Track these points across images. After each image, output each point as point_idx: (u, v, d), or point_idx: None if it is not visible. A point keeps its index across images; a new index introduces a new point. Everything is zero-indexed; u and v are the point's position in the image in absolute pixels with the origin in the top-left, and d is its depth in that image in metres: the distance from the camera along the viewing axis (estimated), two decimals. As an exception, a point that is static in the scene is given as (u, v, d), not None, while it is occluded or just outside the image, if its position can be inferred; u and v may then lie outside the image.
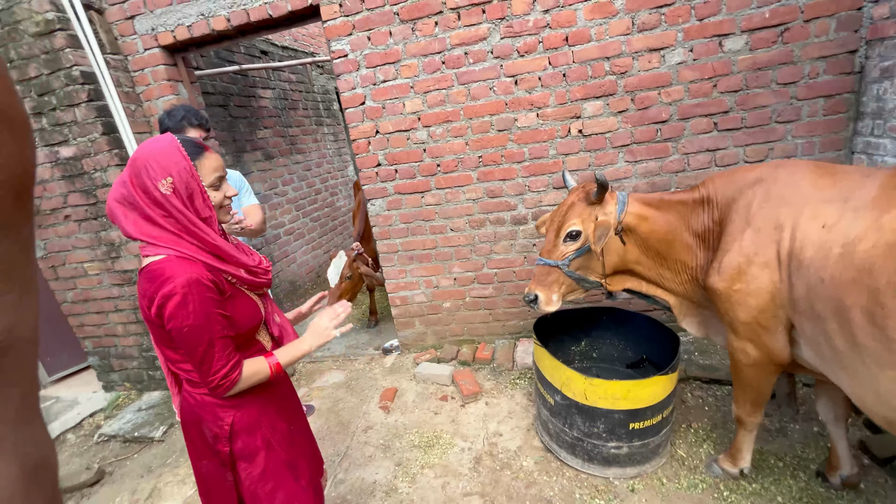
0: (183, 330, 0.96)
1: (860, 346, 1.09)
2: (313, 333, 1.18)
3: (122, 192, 0.98)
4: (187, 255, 0.99)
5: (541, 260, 1.72)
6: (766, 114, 2.20)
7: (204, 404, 1.11)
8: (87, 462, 2.54)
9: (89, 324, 3.10)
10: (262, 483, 1.16)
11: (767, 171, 1.41)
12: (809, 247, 1.20)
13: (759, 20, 2.06)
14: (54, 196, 2.78)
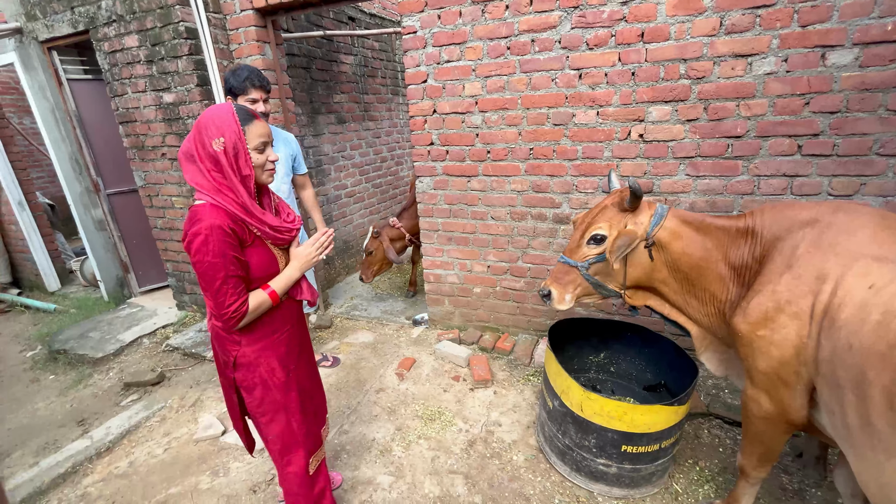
0: (204, 264, 1.15)
1: (873, 427, 0.98)
2: (298, 259, 1.36)
3: (188, 146, 1.20)
4: (220, 204, 1.18)
5: (562, 258, 1.69)
6: (865, 143, 1.91)
7: (218, 335, 1.32)
8: (154, 365, 3.01)
9: (171, 249, 3.59)
10: (260, 413, 1.39)
11: (825, 213, 1.26)
12: (849, 306, 1.08)
13: (878, 33, 1.76)
14: (156, 135, 3.19)
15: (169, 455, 2.18)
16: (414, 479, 1.93)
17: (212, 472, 2.05)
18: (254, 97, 2.08)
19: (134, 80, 3.10)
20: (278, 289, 1.31)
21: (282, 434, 1.41)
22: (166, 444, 2.26)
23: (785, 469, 1.88)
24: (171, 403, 2.59)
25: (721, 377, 1.76)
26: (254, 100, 2.08)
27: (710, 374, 2.44)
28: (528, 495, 1.83)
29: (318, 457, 1.53)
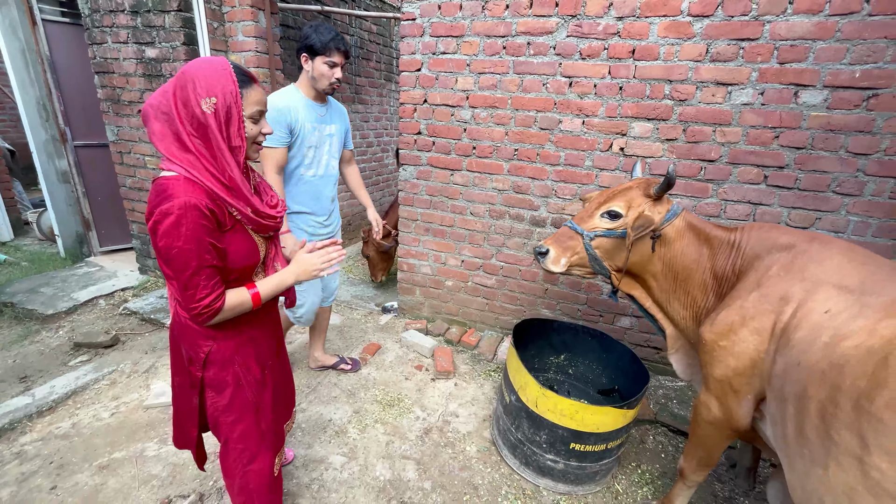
0: (172, 250, 0.97)
1: (805, 437, 1.05)
2: (300, 267, 1.19)
3: (160, 100, 0.98)
4: (197, 179, 0.99)
5: (570, 223, 1.66)
6: (824, 180, 2.03)
7: (186, 328, 1.14)
8: (108, 327, 2.91)
9: (139, 210, 3.46)
10: (226, 414, 1.21)
11: (801, 240, 1.33)
12: (804, 328, 1.15)
13: (847, 78, 1.87)
14: (134, 90, 3.07)
15: (116, 420, 2.12)
16: (367, 461, 1.95)
17: (160, 439, 2.01)
18: (335, 61, 1.86)
19: (115, 30, 2.96)
20: (264, 292, 1.15)
21: (247, 434, 1.25)
22: (114, 409, 2.19)
23: (718, 478, 1.99)
24: (123, 368, 2.51)
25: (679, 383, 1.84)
26: (333, 63, 1.86)
27: (660, 384, 2.55)
28: (477, 485, 1.88)
29: (280, 455, 1.42)
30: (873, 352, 0.93)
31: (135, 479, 1.80)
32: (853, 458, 0.89)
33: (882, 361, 0.90)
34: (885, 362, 0.89)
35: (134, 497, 1.71)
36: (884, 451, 0.83)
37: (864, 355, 0.95)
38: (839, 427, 0.93)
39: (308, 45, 1.84)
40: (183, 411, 1.27)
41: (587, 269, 1.68)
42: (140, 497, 1.71)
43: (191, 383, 1.19)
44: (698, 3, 1.99)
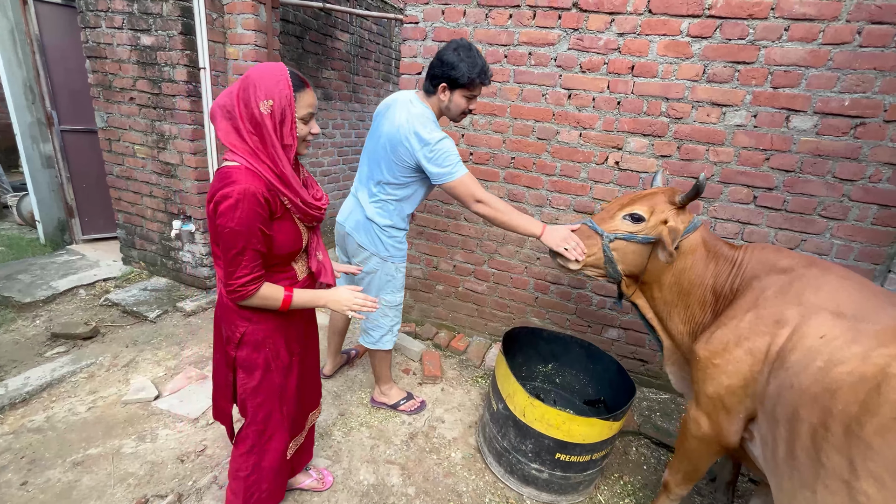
0: (226, 229, 1.08)
1: (795, 459, 1.07)
2: (333, 298, 1.31)
3: (226, 100, 1.11)
4: (256, 170, 1.11)
5: (589, 221, 1.65)
6: (811, 203, 2.09)
7: (227, 308, 1.25)
8: (88, 318, 2.83)
9: (125, 199, 3.38)
10: (253, 396, 1.32)
11: (800, 265, 1.36)
12: (799, 351, 1.17)
13: (836, 106, 1.93)
14: (126, 77, 3.00)
15: (92, 414, 2.06)
16: (350, 465, 1.93)
17: (138, 436, 1.96)
18: (476, 94, 1.75)
19: (110, 15, 2.90)
20: (297, 300, 1.25)
21: (269, 416, 1.36)
22: (91, 403, 2.13)
23: (698, 491, 2.02)
24: (102, 361, 2.44)
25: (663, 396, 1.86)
26: (474, 97, 1.75)
27: (645, 396, 2.58)
28: (461, 492, 1.87)
29: (297, 441, 1.53)
30: (866, 379, 0.95)
31: (110, 476, 1.75)
32: (841, 482, 0.91)
33: (874, 389, 0.92)
34: (878, 390, 0.91)
35: (109, 495, 1.67)
36: (871, 476, 0.85)
37: (857, 381, 0.97)
38: (829, 450, 0.95)
39: (452, 78, 1.67)
40: (220, 387, 1.39)
41: (600, 270, 1.67)
42: (115, 495, 1.67)
43: (226, 362, 1.31)
44: (698, 24, 2.03)
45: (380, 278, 1.96)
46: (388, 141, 1.76)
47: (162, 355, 2.55)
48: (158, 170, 3.13)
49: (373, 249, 1.90)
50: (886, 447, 0.85)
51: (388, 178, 1.81)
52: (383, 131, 1.79)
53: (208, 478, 1.77)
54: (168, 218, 3.23)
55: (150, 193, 3.25)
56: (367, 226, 1.88)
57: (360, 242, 1.90)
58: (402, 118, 1.72)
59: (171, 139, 3.01)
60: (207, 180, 3.09)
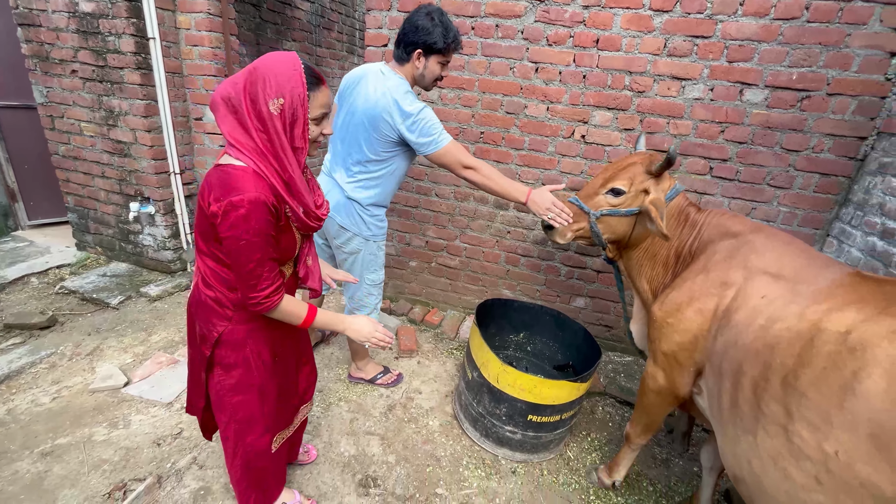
0: (240, 242, 1.00)
1: (738, 408, 1.18)
2: (354, 327, 1.29)
3: (230, 92, 0.99)
4: (263, 174, 1.01)
5: (575, 199, 1.70)
6: (761, 173, 2.22)
7: (205, 305, 1.17)
8: (43, 307, 2.70)
9: (75, 181, 3.18)
10: (231, 394, 1.25)
11: (748, 230, 1.46)
12: (743, 311, 1.27)
13: (785, 80, 2.04)
14: (66, 47, 2.77)
15: (58, 404, 2.00)
16: (331, 438, 1.97)
17: (109, 423, 1.92)
18: (448, 61, 1.74)
19: (42, -23, 2.65)
20: (319, 321, 1.22)
21: (248, 417, 1.30)
22: (55, 393, 2.06)
23: (658, 442, 2.19)
24: (63, 350, 2.35)
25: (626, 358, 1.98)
26: (446, 62, 1.74)
27: (610, 359, 2.74)
28: (439, 456, 1.96)
29: (283, 435, 1.47)
30: (801, 334, 1.06)
31: (83, 464, 1.72)
32: (779, 427, 1.02)
33: (808, 343, 1.02)
34: (811, 343, 1.01)
35: (84, 483, 1.65)
36: (805, 422, 0.96)
37: (794, 337, 1.07)
38: (768, 400, 1.06)
39: (428, 44, 1.65)
40: (192, 383, 1.33)
41: (588, 240, 1.77)
42: (91, 483, 1.65)
43: (200, 360, 1.24)
44: (659, -3, 2.07)
45: (363, 258, 1.95)
46: (365, 117, 1.71)
47: (128, 342, 2.48)
48: (110, 149, 2.95)
49: (355, 230, 1.87)
50: (818, 395, 0.95)
51: (369, 156, 1.77)
52: (358, 107, 1.73)
53: (187, 458, 1.78)
54: (124, 200, 3.07)
55: (102, 174, 3.06)
56: (349, 206, 1.84)
57: (341, 224, 1.86)
58: (378, 92, 1.67)
59: (121, 115, 2.83)
60: (165, 159, 2.95)
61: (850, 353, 0.93)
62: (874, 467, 0.84)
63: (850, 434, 0.88)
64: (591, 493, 1.88)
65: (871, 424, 0.85)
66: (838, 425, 0.90)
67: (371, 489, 1.76)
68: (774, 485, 1.03)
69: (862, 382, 0.88)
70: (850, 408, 0.89)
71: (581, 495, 1.86)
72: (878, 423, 0.84)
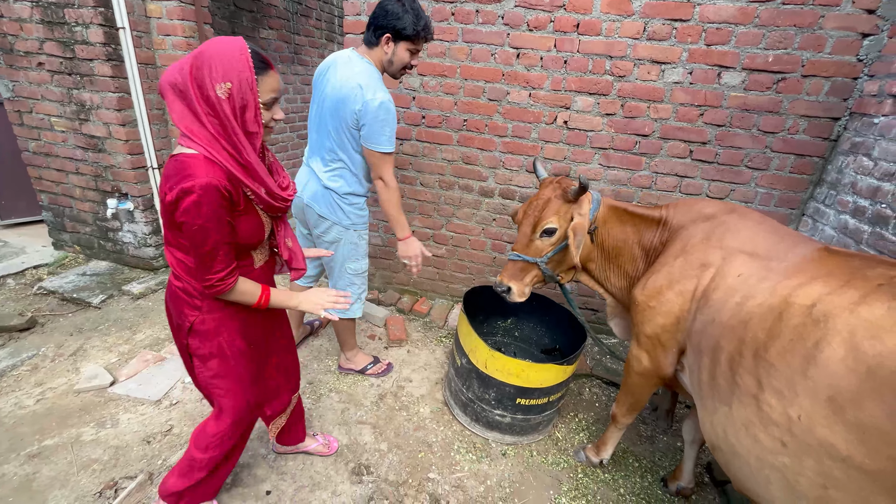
0: (193, 227, 1.01)
1: (715, 382, 1.23)
2: (308, 299, 1.30)
3: (177, 78, 0.98)
4: (216, 160, 1.02)
5: (515, 255, 1.74)
6: (739, 155, 2.26)
7: (176, 296, 1.20)
8: (22, 309, 2.63)
9: (47, 178, 3.09)
10: (214, 383, 1.29)
11: (721, 212, 1.50)
12: (720, 290, 1.31)
13: (762, 62, 2.07)
14: (30, 38, 2.66)
15: (42, 406, 1.97)
16: (322, 428, 1.99)
17: (97, 423, 1.90)
18: (418, 49, 1.74)
19: (1, -35, 2.53)
20: (274, 300, 1.23)
21: (236, 408, 1.33)
22: (39, 395, 2.03)
23: (643, 420, 2.26)
24: (45, 352, 2.31)
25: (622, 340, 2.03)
26: (417, 51, 1.74)
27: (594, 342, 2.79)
28: (431, 442, 1.99)
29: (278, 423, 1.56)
30: (772, 309, 1.10)
31: (72, 464, 1.71)
32: (751, 397, 1.07)
33: (777, 317, 1.06)
34: (780, 318, 1.06)
35: (74, 483, 1.64)
36: (773, 390, 1.01)
37: (765, 312, 1.11)
38: (742, 372, 1.10)
39: (397, 29, 1.64)
40: (189, 369, 1.35)
41: (542, 283, 1.84)
42: (81, 482, 1.64)
43: (182, 348, 1.28)
44: (638, -20, 2.07)
45: (344, 247, 1.95)
46: (332, 104, 1.71)
47: (112, 341, 2.44)
48: (83, 144, 2.87)
49: (334, 219, 1.88)
50: (785, 365, 1.00)
51: (340, 143, 1.76)
52: (327, 94, 1.73)
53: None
54: (101, 197, 2.99)
55: (76, 171, 2.98)
56: (326, 195, 1.84)
57: (320, 213, 1.87)
58: (343, 77, 1.67)
59: (93, 109, 2.74)
60: (141, 153, 2.87)
61: (814, 325, 0.98)
62: (830, 429, 0.89)
63: (812, 399, 0.93)
64: (580, 472, 1.93)
65: (830, 389, 0.90)
66: (801, 392, 0.95)
67: (364, 476, 1.79)
68: (746, 450, 1.08)
69: (823, 351, 0.93)
70: (812, 375, 0.94)
71: (570, 474, 1.92)
72: (835, 388, 0.89)
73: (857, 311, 0.92)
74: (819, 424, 0.91)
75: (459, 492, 1.77)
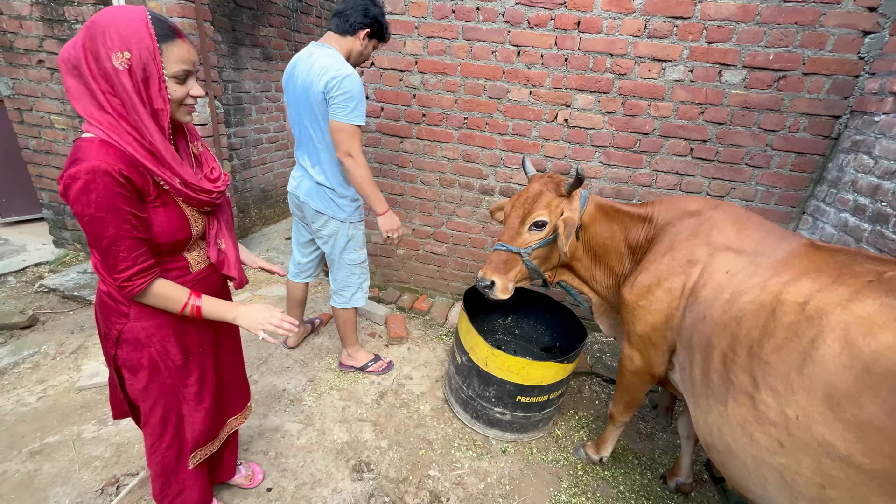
0: (84, 218, 0.90)
1: (709, 380, 1.23)
2: (246, 315, 1.12)
3: (71, 52, 0.88)
4: (114, 142, 0.90)
5: (501, 245, 1.69)
6: (739, 153, 2.26)
7: (102, 302, 1.09)
8: (23, 306, 2.63)
9: (48, 176, 3.09)
10: (143, 397, 1.16)
11: (706, 209, 1.50)
12: (709, 286, 1.31)
13: (763, 60, 2.06)
14: (30, 36, 2.66)
15: (44, 404, 1.98)
16: (323, 426, 1.99)
17: (98, 420, 1.91)
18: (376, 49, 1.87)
19: (0, -38, 2.52)
20: (207, 310, 1.09)
21: (165, 420, 1.19)
22: (41, 393, 2.03)
23: (643, 418, 2.27)
24: (46, 349, 2.32)
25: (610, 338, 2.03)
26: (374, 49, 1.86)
27: (596, 339, 2.80)
28: (431, 440, 1.99)
29: (206, 450, 1.33)
30: (764, 305, 1.10)
31: (73, 462, 1.72)
32: (746, 396, 1.07)
33: (771, 314, 1.06)
34: (773, 314, 1.06)
35: (75, 479, 1.64)
36: (769, 388, 1.01)
37: (757, 309, 1.11)
38: (736, 370, 1.10)
39: (378, 28, 1.76)
40: (112, 383, 1.24)
41: (527, 280, 1.79)
42: (82, 479, 1.65)
43: (108, 359, 1.15)
44: (639, -22, 2.06)
45: (341, 240, 1.98)
46: (303, 93, 1.74)
47: (113, 339, 2.44)
48: (83, 142, 2.86)
49: (330, 213, 1.91)
50: (780, 362, 1.00)
51: (319, 135, 1.79)
52: (297, 87, 1.76)
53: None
54: (101, 194, 2.99)
55: (76, 168, 2.97)
56: (319, 190, 1.88)
57: (316, 208, 1.90)
58: (308, 66, 1.71)
59: (93, 107, 2.73)
60: (142, 151, 2.87)
61: (808, 322, 0.98)
62: (828, 427, 0.89)
63: (809, 397, 0.93)
64: (580, 469, 1.94)
65: (827, 387, 0.90)
66: (798, 390, 0.95)
67: (365, 474, 1.79)
68: (742, 449, 1.08)
69: (818, 348, 0.93)
70: (808, 373, 0.94)
71: (570, 471, 1.92)
72: (832, 385, 0.89)
73: (850, 308, 0.93)
74: (817, 423, 0.91)
75: (460, 489, 1.78)
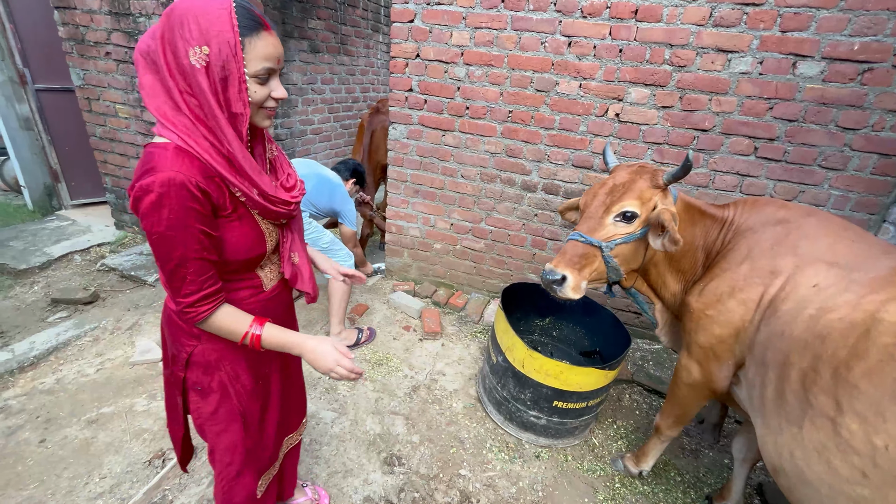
0: (153, 235, 0.80)
1: (783, 400, 1.13)
2: (315, 355, 0.97)
3: (150, 44, 0.79)
4: (192, 149, 0.80)
5: (579, 235, 1.46)
6: (812, 153, 2.07)
7: (171, 321, 1.01)
8: (87, 283, 2.83)
9: (112, 163, 3.29)
10: (211, 422, 1.08)
11: (796, 216, 1.36)
12: (791, 300, 1.19)
13: (845, 51, 1.87)
14: (99, 29, 2.82)
15: (101, 375, 2.11)
16: (357, 416, 2.01)
17: (149, 395, 2.01)
18: None
19: (75, -41, 2.68)
20: (267, 340, 0.95)
21: (233, 447, 1.11)
22: (99, 365, 2.17)
23: (687, 432, 2.14)
24: (105, 325, 2.47)
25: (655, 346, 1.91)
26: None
27: (638, 346, 2.67)
28: (463, 438, 1.97)
29: (269, 474, 1.28)
30: (856, 325, 0.98)
31: (125, 432, 1.82)
32: (827, 420, 0.96)
33: (864, 334, 0.95)
34: (867, 335, 0.94)
35: (126, 450, 1.74)
36: (856, 414, 0.90)
37: (847, 328, 1.00)
38: (817, 392, 1.00)
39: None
40: (169, 407, 1.13)
41: (602, 281, 1.55)
42: (133, 450, 1.74)
43: (174, 381, 1.05)
44: (706, -38, 1.91)
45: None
46: None
47: (164, 318, 2.58)
48: (143, 130, 3.02)
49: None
50: (872, 388, 0.89)
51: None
52: None
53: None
54: (158, 180, 3.15)
55: (136, 156, 3.15)
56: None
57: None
58: None
59: (153, 97, 2.88)
60: (195, 140, 2.99)
61: None
62: None
63: None
64: (617, 481, 1.85)
65: None
66: (891, 418, 0.85)
67: (396, 467, 1.79)
68: (817, 477, 0.98)
69: None
70: None
71: (606, 482, 1.84)
72: None
73: None
74: None
75: (490, 491, 1.74)
